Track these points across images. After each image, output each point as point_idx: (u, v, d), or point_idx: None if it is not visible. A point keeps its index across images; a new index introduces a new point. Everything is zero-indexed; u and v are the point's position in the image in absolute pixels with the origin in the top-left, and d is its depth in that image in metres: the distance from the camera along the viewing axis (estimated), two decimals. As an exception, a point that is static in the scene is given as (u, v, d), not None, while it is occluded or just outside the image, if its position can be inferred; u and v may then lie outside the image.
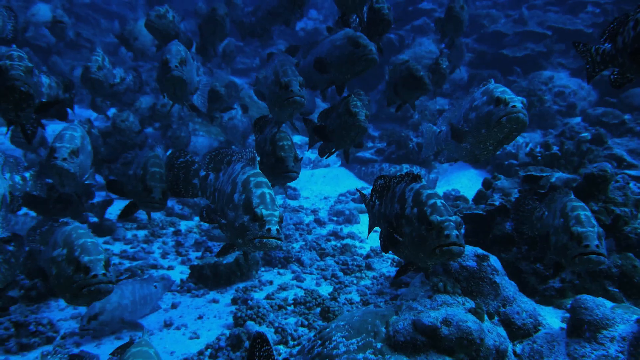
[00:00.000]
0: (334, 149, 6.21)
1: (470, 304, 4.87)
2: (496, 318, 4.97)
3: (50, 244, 3.80)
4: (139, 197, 5.25)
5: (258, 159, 4.35)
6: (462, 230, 3.73)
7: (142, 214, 8.38)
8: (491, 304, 5.04)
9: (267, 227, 3.51)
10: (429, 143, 5.69)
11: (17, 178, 5.57)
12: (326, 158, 6.49)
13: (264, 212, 3.55)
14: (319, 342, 5.23)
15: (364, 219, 9.59)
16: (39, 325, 5.70)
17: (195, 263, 7.16)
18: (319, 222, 9.31)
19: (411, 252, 4.05)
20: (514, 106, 4.12)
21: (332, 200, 11.07)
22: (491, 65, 16.84)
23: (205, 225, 9.07)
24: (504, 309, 5.02)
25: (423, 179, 4.19)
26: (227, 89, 10.34)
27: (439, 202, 3.80)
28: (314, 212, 10.15)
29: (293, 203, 10.83)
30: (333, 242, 8.39)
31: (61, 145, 5.23)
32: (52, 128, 9.61)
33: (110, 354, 3.38)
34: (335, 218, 9.59)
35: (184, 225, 9.16)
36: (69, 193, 6.43)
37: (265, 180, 3.83)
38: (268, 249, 3.63)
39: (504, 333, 4.83)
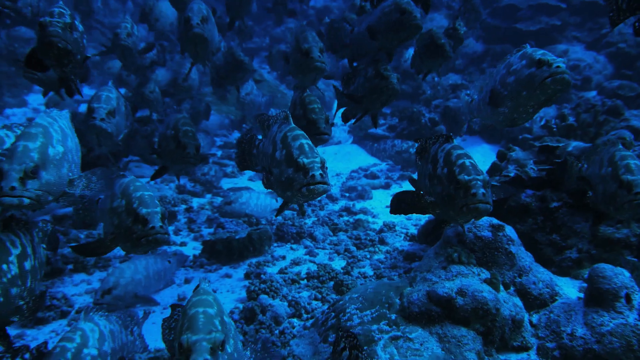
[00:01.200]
0: (359, 115, 6.19)
1: (486, 274, 4.82)
2: (512, 288, 4.91)
3: (107, 195, 3.89)
4: (172, 155, 5.34)
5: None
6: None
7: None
8: (507, 274, 4.98)
9: (310, 174, 3.59)
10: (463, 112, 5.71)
11: None
12: (354, 123, 6.50)
13: (305, 160, 3.63)
14: (333, 314, 5.21)
15: (377, 194, 9.53)
16: (54, 299, 5.73)
17: (208, 238, 7.16)
18: (331, 198, 9.25)
19: (443, 210, 4.07)
20: (558, 67, 4.09)
21: (343, 176, 11.00)
22: (504, 40, 16.55)
23: (217, 202, 9.06)
24: (519, 279, 4.95)
25: (455, 139, 4.20)
26: None
27: (467, 161, 3.83)
28: (326, 188, 10.07)
29: (305, 180, 10.76)
30: (345, 218, 8.34)
31: (99, 106, 5.37)
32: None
33: (170, 306, 3.54)
34: (347, 194, 9.53)
35: (195, 202, 9.15)
36: (104, 152, 6.58)
37: (302, 132, 3.89)
38: (317, 195, 3.69)
39: (520, 303, 4.78)
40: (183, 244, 7.60)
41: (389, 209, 8.92)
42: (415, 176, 4.94)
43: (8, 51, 14.51)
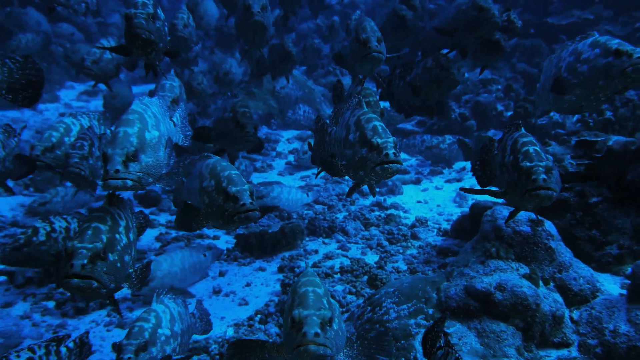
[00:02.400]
0: (414, 105, 6.23)
1: (525, 269, 4.76)
2: (552, 284, 4.85)
3: (194, 176, 4.02)
4: (232, 135, 5.51)
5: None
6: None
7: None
8: (546, 270, 4.91)
9: (384, 152, 3.68)
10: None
11: None
12: (406, 115, 6.56)
13: (379, 140, 3.73)
14: (369, 307, 5.21)
15: (407, 190, 9.48)
16: (93, 290, 5.82)
17: (241, 232, 7.21)
18: (362, 193, 9.24)
19: (511, 198, 4.22)
20: (639, 57, 4.15)
21: (373, 172, 10.94)
22: (534, 35, 16.29)
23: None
24: (559, 275, 4.88)
25: (522, 128, 4.29)
26: None
27: (531, 148, 3.95)
28: (356, 183, 10.06)
29: (334, 175, 10.77)
30: (377, 213, 8.32)
31: (163, 94, 5.54)
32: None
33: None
34: (377, 189, 9.49)
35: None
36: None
37: (375, 115, 3.99)
38: (390, 174, 3.78)
39: (560, 299, 4.71)
40: (216, 237, 7.67)
41: (420, 204, 8.87)
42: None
43: (44, 48, 14.79)
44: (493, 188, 4.47)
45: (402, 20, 6.37)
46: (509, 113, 11.99)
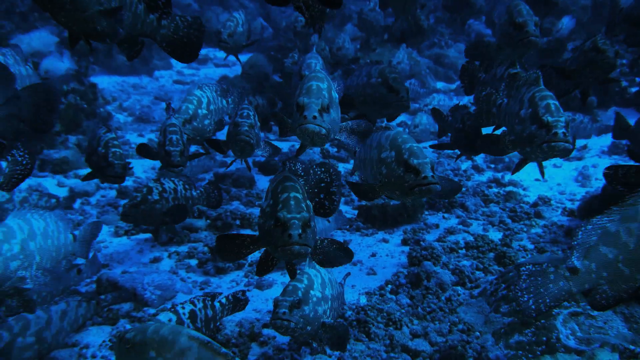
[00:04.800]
0: (569, 90, 6.12)
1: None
2: None
3: (370, 146, 4.12)
4: (384, 100, 5.77)
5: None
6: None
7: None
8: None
9: (553, 131, 3.78)
10: None
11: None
12: (560, 99, 6.46)
13: (550, 118, 3.82)
14: (503, 285, 5.23)
15: (525, 167, 9.24)
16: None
17: (362, 203, 7.37)
18: (477, 169, 9.13)
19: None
20: None
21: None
22: None
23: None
24: None
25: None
26: None
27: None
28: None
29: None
30: (495, 190, 8.22)
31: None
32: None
33: None
34: (492, 165, 9.35)
35: (342, 167, 9.40)
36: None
37: (550, 94, 4.06)
38: (557, 152, 3.87)
39: None
40: (335, 207, 7.87)
41: (538, 182, 8.65)
42: None
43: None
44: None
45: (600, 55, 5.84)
46: (634, 89, 11.32)
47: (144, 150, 5.85)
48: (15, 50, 5.40)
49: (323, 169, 3.71)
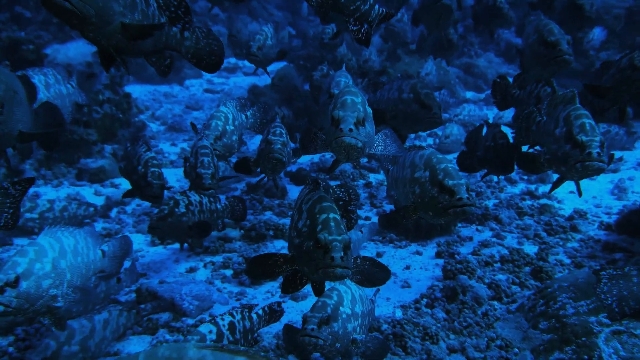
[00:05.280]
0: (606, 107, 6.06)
1: None
2: None
3: (404, 165, 4.15)
4: (415, 116, 5.83)
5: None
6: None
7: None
8: None
9: (587, 151, 3.85)
10: None
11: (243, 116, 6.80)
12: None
13: (584, 138, 3.89)
14: (542, 301, 5.18)
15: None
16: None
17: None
18: (510, 181, 9.05)
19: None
20: None
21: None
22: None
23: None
24: None
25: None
26: None
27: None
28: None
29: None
30: (528, 202, 8.14)
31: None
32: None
33: None
34: (526, 177, 9.26)
35: (372, 177, 9.41)
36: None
37: (586, 112, 4.12)
38: (591, 172, 3.96)
39: None
40: (367, 218, 7.89)
41: (573, 195, 8.54)
42: None
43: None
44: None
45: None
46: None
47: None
48: (56, 70, 5.54)
49: (343, 189, 3.76)
